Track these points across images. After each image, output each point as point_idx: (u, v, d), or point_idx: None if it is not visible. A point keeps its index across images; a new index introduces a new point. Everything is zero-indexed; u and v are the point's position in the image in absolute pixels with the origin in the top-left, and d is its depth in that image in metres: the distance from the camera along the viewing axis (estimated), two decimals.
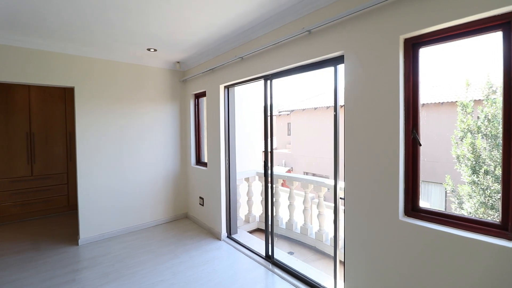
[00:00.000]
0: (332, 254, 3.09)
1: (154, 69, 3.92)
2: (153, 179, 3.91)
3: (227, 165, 3.41)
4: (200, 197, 3.87)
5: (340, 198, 2.16)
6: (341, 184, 2.19)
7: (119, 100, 3.61)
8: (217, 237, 3.45)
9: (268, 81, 2.76)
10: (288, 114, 12.02)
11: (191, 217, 4.17)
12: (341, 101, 2.12)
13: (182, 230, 3.72)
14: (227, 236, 3.45)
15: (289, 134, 12.65)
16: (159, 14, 2.35)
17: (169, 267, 2.74)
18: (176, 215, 4.17)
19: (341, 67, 2.12)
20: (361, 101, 1.88)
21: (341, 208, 2.20)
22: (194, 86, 3.96)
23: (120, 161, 3.61)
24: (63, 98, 4.51)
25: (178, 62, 4.01)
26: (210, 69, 3.38)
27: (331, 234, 3.19)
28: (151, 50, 3.38)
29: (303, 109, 10.99)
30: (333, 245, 3.04)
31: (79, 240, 3.30)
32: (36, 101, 4.27)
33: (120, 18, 2.43)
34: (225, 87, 3.40)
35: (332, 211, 3.20)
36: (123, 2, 2.14)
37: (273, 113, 2.79)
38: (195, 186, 4.03)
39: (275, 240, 2.87)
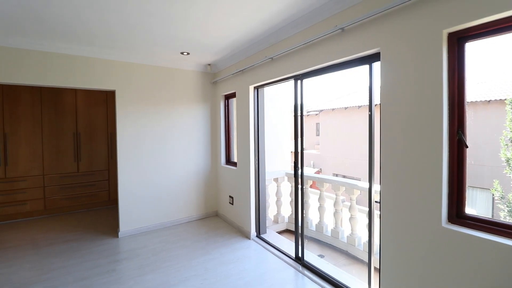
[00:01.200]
0: (366, 260, 2.99)
1: (187, 71, 4.09)
2: (185, 178, 4.08)
3: (257, 165, 3.44)
4: (230, 196, 3.95)
5: (375, 201, 2.07)
6: (376, 187, 2.10)
7: (155, 102, 3.81)
8: (247, 236, 3.49)
9: (298, 81, 2.73)
10: (316, 114, 11.80)
11: (221, 215, 4.27)
12: (376, 100, 2.04)
13: (213, 228, 3.82)
14: (256, 236, 3.48)
15: (317, 135, 12.41)
16: (195, 19, 2.45)
17: (201, 263, 2.84)
18: (207, 212, 4.30)
19: (376, 65, 2.03)
20: (400, 100, 1.78)
21: (375, 212, 2.11)
22: (224, 87, 4.06)
23: (155, 159, 3.82)
24: (105, 100, 4.88)
25: (209, 65, 4.13)
26: (240, 70, 3.44)
27: (364, 239, 3.08)
28: (184, 53, 3.53)
29: (333, 109, 10.71)
30: (366, 250, 2.93)
31: (119, 233, 3.55)
32: (82, 103, 4.67)
33: (158, 25, 2.58)
34: (254, 87, 3.44)
35: (365, 215, 3.09)
36: (162, 11, 2.26)
37: (299, 113, 2.77)
38: (225, 185, 4.12)
39: (305, 242, 2.83)
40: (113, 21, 2.48)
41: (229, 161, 4.25)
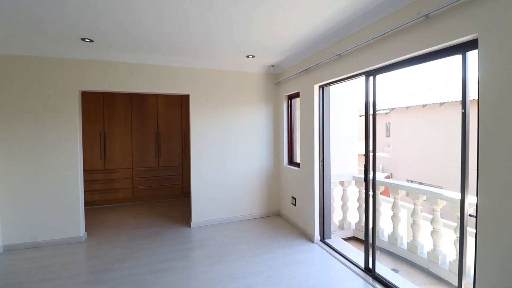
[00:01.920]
0: (451, 281, 2.56)
1: (251, 74, 4.23)
2: (249, 176, 4.23)
3: (321, 167, 3.33)
4: (293, 197, 3.93)
5: (470, 215, 1.75)
6: (470, 198, 1.78)
7: (223, 103, 4.07)
8: (310, 239, 3.41)
9: (370, 78, 2.52)
10: (387, 113, 10.72)
11: (283, 215, 4.28)
12: (472, 95, 1.72)
13: (275, 227, 3.86)
14: (320, 240, 3.36)
15: (387, 136, 11.26)
16: (260, 22, 2.50)
17: (265, 260, 2.89)
18: (269, 211, 4.37)
19: (472, 54, 1.72)
20: (506, 94, 1.46)
21: (468, 228, 1.78)
22: (287, 87, 4.05)
23: (222, 157, 4.07)
24: (180, 104, 5.44)
25: (272, 66, 4.19)
26: (304, 70, 3.38)
27: (451, 257, 2.65)
28: (249, 56, 3.65)
29: (407, 107, 9.56)
30: (453, 270, 2.52)
31: (191, 223, 3.92)
32: (161, 106, 5.32)
33: (225, 31, 2.73)
34: (319, 86, 3.33)
35: (452, 230, 2.65)
36: (229, 18, 2.38)
37: (370, 112, 2.54)
38: (287, 185, 4.11)
39: (377, 252, 2.60)
40: (194, 33, 2.73)
41: (291, 161, 4.23)
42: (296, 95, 3.93)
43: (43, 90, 3.27)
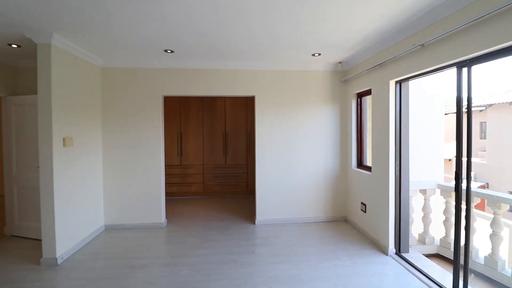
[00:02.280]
0: None
1: (316, 72, 4.11)
2: (313, 178, 4.12)
3: (397, 172, 2.99)
4: (362, 203, 3.65)
5: None
6: None
7: (287, 104, 4.07)
8: (382, 251, 3.11)
9: (464, 69, 2.15)
10: (481, 111, 8.95)
11: (350, 221, 4.03)
12: None
13: (342, 233, 3.66)
14: (395, 253, 3.03)
15: (482, 138, 9.41)
16: (329, 18, 2.41)
17: (332, 267, 2.77)
18: (334, 216, 4.18)
19: None
20: None
21: None
22: (357, 84, 3.78)
23: (286, 157, 4.08)
24: (245, 105, 5.69)
25: (340, 62, 3.98)
26: (377, 65, 3.10)
27: None
28: (315, 55, 3.55)
29: (511, 103, 7.80)
30: None
31: (256, 221, 4.05)
32: (229, 108, 5.66)
33: (291, 31, 2.71)
34: (396, 82, 3.00)
35: None
36: (295, 17, 2.36)
37: (464, 109, 2.15)
38: (356, 190, 3.85)
39: (470, 276, 2.19)
40: (258, 36, 2.82)
41: (361, 164, 3.93)
42: (367, 92, 3.64)
43: (135, 96, 3.87)
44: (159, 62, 3.82)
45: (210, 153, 5.67)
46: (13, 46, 3.09)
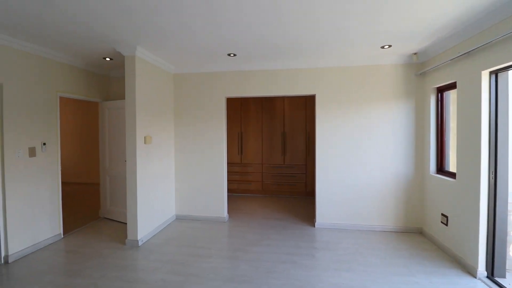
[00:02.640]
0: None
1: (385, 66, 3.73)
2: (381, 183, 3.77)
3: (492, 180, 2.49)
4: (443, 214, 3.17)
5: None
6: None
7: (350, 102, 3.81)
8: (469, 272, 2.64)
9: None
10: None
11: (427, 234, 3.54)
12: None
13: (415, 247, 3.25)
14: (487, 276, 2.53)
15: None
16: (403, 4, 2.15)
17: (404, 283, 2.47)
18: (406, 227, 3.73)
19: None
20: None
21: None
22: (437, 77, 3.29)
23: (350, 159, 3.83)
24: (304, 105, 5.56)
25: (415, 54, 3.53)
26: (464, 53, 2.63)
27: None
28: (385, 47, 3.24)
29: None
30: None
31: (315, 223, 3.92)
32: (287, 108, 5.62)
33: (358, 23, 2.52)
34: (490, 72, 2.50)
35: None
36: (362, 6, 2.17)
37: None
38: (435, 199, 3.36)
39: None
40: (322, 31, 2.71)
41: (441, 170, 3.42)
42: (450, 86, 3.14)
43: (201, 98, 4.18)
44: (222, 66, 4.05)
45: (269, 153, 5.74)
46: (107, 59, 3.69)
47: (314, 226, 3.91)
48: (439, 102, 3.46)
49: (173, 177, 4.28)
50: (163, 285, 2.47)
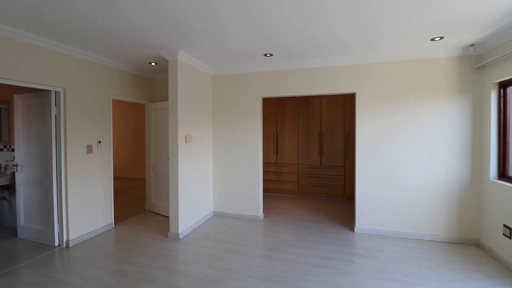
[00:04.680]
0: None
1: (435, 60, 3.41)
2: (430, 188, 3.45)
3: None
4: (506, 226, 2.79)
5: None
6: None
7: (394, 100, 3.56)
8: None
9: None
10: None
11: (485, 247, 3.16)
12: None
13: (471, 260, 2.91)
14: None
15: None
16: None
17: None
18: (460, 237, 3.37)
19: None
20: None
21: None
22: (500, 71, 2.91)
23: (394, 161, 3.58)
24: (343, 104, 5.34)
25: (471, 45, 3.17)
26: None
27: None
28: (435, 39, 2.96)
29: None
30: None
31: (355, 228, 3.74)
32: (325, 107, 5.46)
33: (404, 14, 2.33)
34: None
35: None
36: None
37: None
38: (496, 208, 2.98)
39: None
40: (363, 25, 2.58)
41: (504, 175, 3.01)
42: None
43: (237, 99, 4.26)
44: (258, 66, 4.08)
45: (305, 153, 5.64)
46: (152, 63, 3.96)
47: (354, 231, 3.74)
48: (502, 99, 3.06)
49: (210, 175, 4.43)
50: (203, 278, 2.58)
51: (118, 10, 2.26)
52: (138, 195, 5.82)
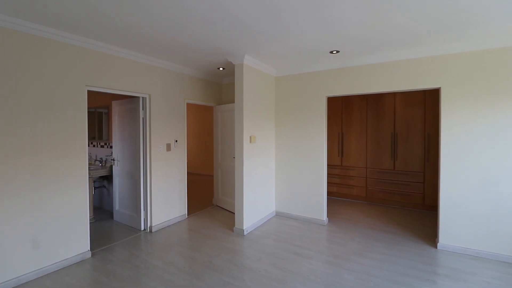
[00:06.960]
0: None
1: None
2: None
3: None
4: None
5: None
6: None
7: (490, 95, 2.93)
8: None
9: None
10: None
11: None
12: None
13: None
14: None
15: None
16: None
17: None
18: None
19: None
20: None
21: None
22: None
23: (492, 170, 2.95)
24: (423, 101, 4.68)
25: None
26: None
27: None
28: None
29: None
30: None
31: (438, 244, 3.22)
32: (399, 105, 4.88)
33: None
34: None
35: None
36: None
37: None
38: None
39: None
40: (453, 9, 2.19)
41: None
42: None
43: (301, 99, 4.17)
44: (323, 65, 3.91)
45: (375, 156, 5.16)
46: (220, 69, 4.22)
47: (436, 247, 3.22)
48: None
49: (273, 175, 4.47)
50: (266, 276, 2.60)
51: (198, 23, 2.47)
52: (207, 190, 6.30)
